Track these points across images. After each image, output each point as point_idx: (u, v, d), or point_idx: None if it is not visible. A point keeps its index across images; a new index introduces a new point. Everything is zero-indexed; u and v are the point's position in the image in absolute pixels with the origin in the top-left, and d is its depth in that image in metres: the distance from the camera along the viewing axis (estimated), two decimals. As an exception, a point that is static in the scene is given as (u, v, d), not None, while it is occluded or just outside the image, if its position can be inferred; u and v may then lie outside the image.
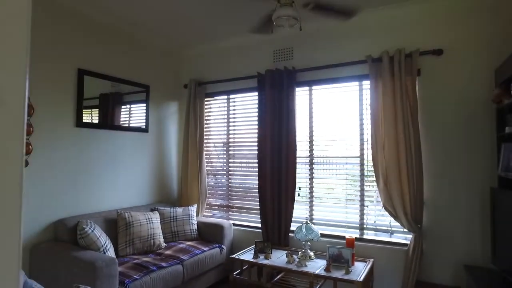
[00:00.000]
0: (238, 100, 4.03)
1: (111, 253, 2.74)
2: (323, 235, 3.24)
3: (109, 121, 3.47)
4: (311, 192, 3.54)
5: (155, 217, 3.42)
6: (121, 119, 3.62)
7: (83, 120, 3.18)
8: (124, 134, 3.60)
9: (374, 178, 3.06)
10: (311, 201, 3.54)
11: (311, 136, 3.56)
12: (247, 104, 3.95)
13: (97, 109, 3.39)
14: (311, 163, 3.55)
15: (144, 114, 3.86)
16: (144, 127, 3.85)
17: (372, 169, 3.06)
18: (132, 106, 3.77)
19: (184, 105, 4.32)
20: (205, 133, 4.17)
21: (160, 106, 4.08)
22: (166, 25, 3.58)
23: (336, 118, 3.45)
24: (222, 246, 3.52)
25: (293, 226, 3.43)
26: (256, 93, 3.79)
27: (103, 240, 2.74)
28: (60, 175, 2.98)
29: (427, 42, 2.91)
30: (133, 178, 3.69)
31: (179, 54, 4.36)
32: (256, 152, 3.78)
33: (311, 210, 3.53)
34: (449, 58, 2.85)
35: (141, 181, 3.78)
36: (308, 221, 3.13)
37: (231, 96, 4.06)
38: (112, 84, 3.53)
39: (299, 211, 3.56)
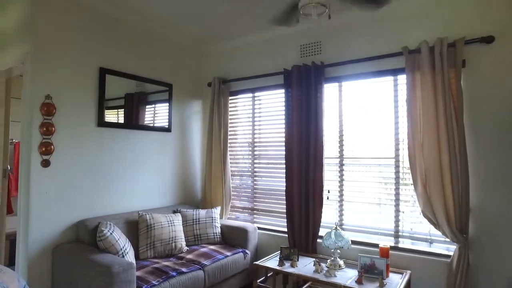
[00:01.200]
0: (263, 98, 3.83)
1: (130, 256, 2.63)
2: (353, 242, 2.99)
3: (132, 121, 3.39)
4: (340, 195, 3.28)
5: (177, 220, 3.29)
6: (144, 119, 3.53)
7: (106, 120, 3.11)
8: (147, 134, 3.50)
9: (410, 181, 2.77)
10: (340, 205, 3.28)
11: (340, 136, 3.31)
12: (273, 102, 3.75)
13: (122, 109, 3.32)
14: (341, 164, 3.29)
15: (167, 113, 3.75)
16: (167, 126, 3.74)
17: (409, 171, 2.76)
18: (154, 105, 3.66)
19: (207, 104, 4.19)
20: (229, 133, 4.01)
21: (183, 105, 3.96)
22: (189, 21, 3.45)
23: (368, 116, 3.17)
24: (246, 251, 3.34)
25: (322, 232, 3.20)
26: (283, 90, 3.59)
27: (122, 243, 2.63)
28: (82, 175, 2.92)
29: (474, 28, 2.59)
30: (155, 178, 3.59)
31: (203, 52, 4.23)
32: (283, 152, 3.57)
33: (340, 215, 3.27)
34: (501, 46, 2.50)
35: (163, 182, 3.68)
36: (337, 227, 2.88)
37: (256, 94, 3.88)
38: (137, 84, 3.45)
39: (328, 216, 3.31)
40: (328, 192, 3.35)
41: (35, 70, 2.64)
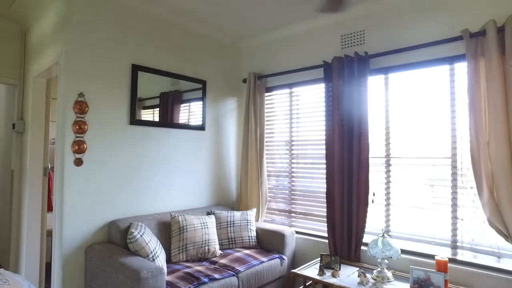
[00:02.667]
0: (301, 94, 3.56)
1: (160, 260, 2.49)
2: (403, 251, 2.64)
3: (165, 119, 3.27)
4: (387, 199, 2.94)
5: (211, 222, 3.12)
6: (178, 117, 3.40)
7: (138, 118, 3.01)
8: (180, 132, 3.37)
9: (470, 185, 2.38)
10: (387, 210, 2.93)
11: (387, 133, 2.96)
12: (312, 98, 3.46)
13: (158, 108, 3.22)
14: (388, 164, 2.94)
15: (201, 111, 3.60)
16: (201, 124, 3.59)
17: (469, 172, 2.37)
18: (189, 103, 3.53)
19: (243, 101, 4.00)
20: (266, 131, 3.79)
21: (217, 102, 3.79)
22: (223, 16, 3.28)
23: (419, 111, 2.80)
24: (283, 256, 3.10)
25: (366, 239, 2.88)
26: (322, 85, 3.31)
27: (153, 245, 2.50)
28: (114, 175, 2.83)
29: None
30: (189, 178, 3.45)
31: (237, 47, 4.04)
32: (323, 151, 3.29)
33: (387, 221, 2.93)
34: None
35: (197, 182, 3.53)
36: (385, 234, 2.55)
37: (293, 90, 3.62)
38: (172, 83, 3.34)
39: (373, 221, 2.98)
40: (373, 195, 3.02)
41: (69, 69, 2.59)
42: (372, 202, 3.01)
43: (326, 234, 3.19)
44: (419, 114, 2.81)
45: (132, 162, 2.96)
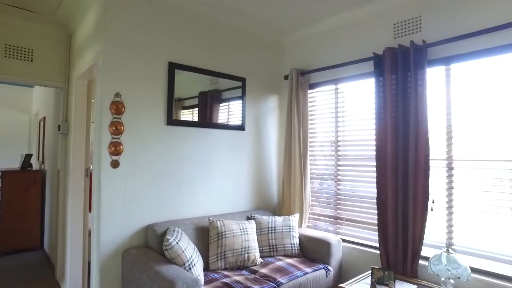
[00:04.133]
0: (348, 90, 3.23)
1: (197, 269, 2.31)
2: (473, 270, 2.24)
3: (204, 119, 3.11)
4: (449, 207, 2.53)
5: (251, 227, 2.90)
6: (217, 117, 3.22)
7: (175, 118, 2.87)
8: (218, 133, 3.19)
9: None
10: (449, 220, 2.53)
11: (449, 132, 2.55)
12: (360, 94, 3.12)
13: (197, 108, 3.08)
14: (450, 168, 2.54)
15: (240, 110, 3.40)
16: (240, 124, 3.39)
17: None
18: (227, 102, 3.34)
19: (285, 99, 3.74)
20: (309, 131, 3.50)
21: (257, 100, 3.57)
22: (263, 10, 3.05)
23: (489, 105, 2.36)
24: (328, 267, 2.80)
25: (424, 251, 2.51)
26: (372, 79, 2.97)
27: (189, 253, 2.33)
28: (151, 177, 2.71)
29: None
30: (228, 181, 3.26)
31: (278, 42, 3.79)
32: (373, 152, 2.95)
33: (449, 232, 2.52)
34: None
35: (236, 185, 3.33)
36: (449, 248, 2.17)
37: (339, 86, 3.29)
38: (211, 82, 3.17)
39: (433, 232, 2.59)
40: (433, 202, 2.62)
41: (105, 69, 2.50)
42: (431, 210, 2.62)
43: (376, 244, 2.84)
44: (488, 110, 2.38)
45: (169, 164, 2.83)
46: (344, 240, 3.08)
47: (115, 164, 2.52)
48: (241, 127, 3.39)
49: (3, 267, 4.06)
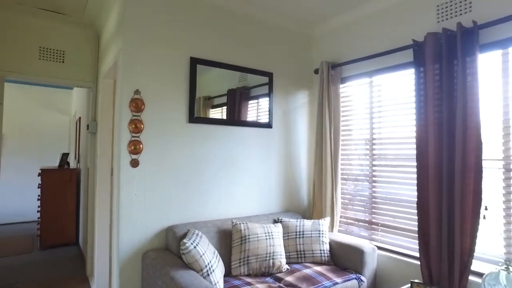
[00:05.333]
0: (385, 83, 2.90)
1: (215, 275, 2.13)
2: (537, 292, 1.85)
3: (232, 117, 2.94)
4: (508, 215, 2.14)
5: (277, 231, 2.68)
6: (243, 114, 3.03)
7: (205, 116, 2.72)
8: (243, 131, 3.00)
9: None
10: (508, 230, 2.14)
11: (506, 127, 2.17)
12: (398, 87, 2.78)
13: (225, 106, 2.93)
14: (508, 169, 2.15)
15: (267, 107, 3.18)
16: (267, 121, 3.17)
17: None
18: (256, 99, 3.14)
19: (315, 94, 3.47)
20: (341, 128, 3.21)
21: (285, 96, 3.33)
22: (290, 0, 2.81)
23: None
24: (361, 277, 2.50)
25: (476, 266, 2.14)
26: (412, 70, 2.63)
27: (208, 258, 2.15)
28: (172, 177, 2.58)
29: None
30: (254, 181, 3.05)
31: (307, 33, 3.51)
32: (413, 151, 2.61)
33: (509, 245, 2.13)
34: None
35: (263, 186, 3.12)
36: (511, 266, 1.81)
37: (374, 78, 2.97)
38: (240, 79, 3.00)
39: (487, 244, 2.21)
40: (486, 209, 2.24)
41: (125, 65, 2.40)
42: (484, 218, 2.24)
43: (417, 254, 2.50)
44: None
45: (191, 163, 2.68)
46: (379, 248, 2.77)
47: (134, 163, 2.41)
48: (268, 125, 3.18)
49: (42, 260, 4.18)
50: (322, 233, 2.80)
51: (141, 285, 2.41)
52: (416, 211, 2.47)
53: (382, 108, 2.90)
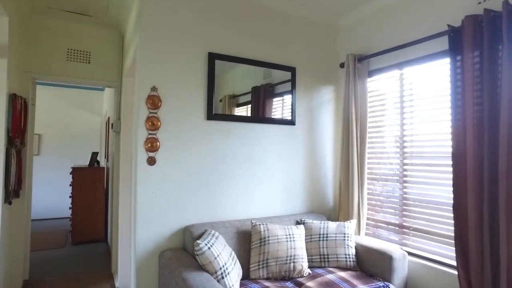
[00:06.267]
0: (416, 75, 2.65)
1: (231, 278, 2.01)
2: None
3: (256, 114, 2.83)
4: (562, 221, 1.84)
5: (298, 233, 2.52)
6: (265, 111, 2.91)
7: (216, 112, 2.62)
8: (264, 128, 2.87)
9: None
10: (562, 238, 1.84)
11: (560, 121, 1.86)
12: (431, 79, 2.53)
13: (250, 104, 2.84)
14: (562, 169, 1.85)
15: (290, 103, 3.02)
16: (290, 118, 3.02)
17: None
18: (281, 95, 2.99)
19: (340, 90, 3.27)
20: (369, 125, 2.98)
21: (309, 91, 3.15)
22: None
23: None
24: (390, 286, 2.28)
25: (524, 280, 1.86)
26: (447, 59, 2.36)
27: (223, 260, 2.04)
28: (190, 175, 2.50)
29: None
30: (276, 180, 2.91)
31: (331, 25, 3.31)
32: (448, 149, 2.36)
33: None
34: None
35: (285, 185, 2.96)
36: None
37: (404, 71, 2.72)
38: (264, 76, 2.88)
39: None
40: (535, 213, 1.95)
41: (142, 62, 2.35)
42: (533, 223, 1.95)
43: (453, 262, 2.24)
44: None
45: (210, 162, 2.59)
46: (410, 254, 2.52)
47: (151, 161, 2.35)
48: (291, 122, 3.02)
49: (73, 255, 4.29)
50: (348, 236, 2.60)
51: (158, 285, 2.35)
52: (452, 215, 2.22)
53: (414, 102, 2.65)
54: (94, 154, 5.08)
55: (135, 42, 2.54)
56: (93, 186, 4.72)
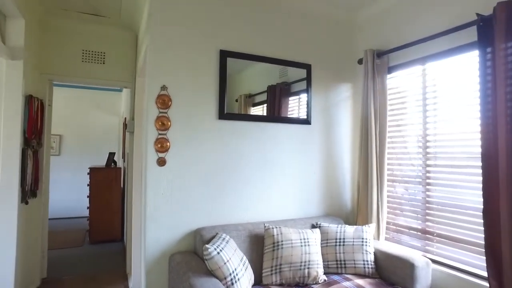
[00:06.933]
0: (441, 70, 2.46)
1: (241, 284, 1.91)
2: None
3: (271, 113, 2.73)
4: None
5: (314, 238, 2.39)
6: (280, 110, 2.79)
7: (228, 111, 2.53)
8: (279, 127, 2.75)
9: None
10: None
11: None
12: (457, 74, 2.33)
13: (266, 104, 2.74)
14: None
15: (306, 101, 2.89)
16: (305, 117, 2.88)
17: None
18: (297, 94, 2.87)
19: (358, 87, 3.10)
20: (388, 124, 2.81)
21: (325, 90, 3.01)
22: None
23: None
24: (413, 296, 2.11)
25: None
26: (476, 52, 2.17)
27: (233, 265, 1.94)
28: (201, 176, 2.41)
29: None
30: (290, 182, 2.78)
31: (349, 20, 3.15)
32: (477, 149, 2.17)
33: None
34: None
35: (301, 187, 2.83)
36: None
37: (427, 66, 2.54)
38: (280, 74, 2.78)
39: None
40: None
41: (152, 61, 2.29)
42: None
43: (484, 273, 2.05)
44: None
45: (221, 162, 2.49)
46: (434, 262, 2.34)
47: (161, 162, 2.28)
48: (306, 121, 2.89)
49: (90, 254, 4.31)
50: (366, 241, 2.45)
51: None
52: (481, 221, 2.03)
53: (438, 99, 2.46)
54: (111, 155, 5.11)
55: (146, 41, 2.48)
56: (109, 186, 4.73)
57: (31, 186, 2.98)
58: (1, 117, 2.55)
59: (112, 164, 5.12)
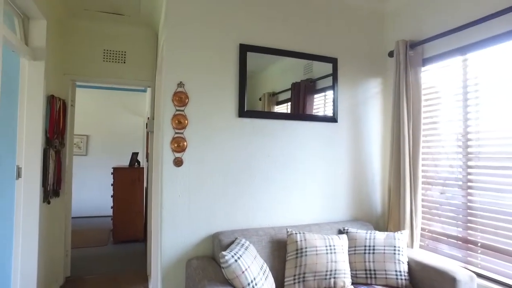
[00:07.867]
0: (484, 60, 2.19)
1: (261, 296, 1.75)
2: None
3: (296, 111, 2.58)
4: None
5: (340, 245, 2.20)
6: (309, 108, 2.63)
7: (248, 109, 2.38)
8: (303, 125, 2.57)
9: None
10: None
11: None
12: (504, 64, 2.07)
13: (290, 102, 2.59)
14: None
15: (332, 98, 2.70)
16: (332, 115, 2.69)
17: None
18: (323, 91, 2.69)
19: (389, 82, 2.87)
20: (423, 121, 2.57)
21: (353, 85, 2.80)
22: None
23: None
24: (455, 314, 1.88)
25: None
26: (526, 38, 1.90)
27: (252, 274, 1.79)
28: (220, 177, 2.29)
29: None
30: (316, 184, 2.60)
31: (378, 10, 2.92)
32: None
33: None
34: None
35: (327, 190, 2.64)
36: None
37: (468, 56, 2.28)
38: (305, 71, 2.62)
39: None
40: None
41: (168, 57, 2.19)
42: None
43: (539, 289, 1.79)
44: None
45: (241, 162, 2.35)
46: (479, 275, 2.08)
47: (178, 162, 2.17)
48: (332, 119, 2.70)
49: (113, 254, 4.31)
50: (398, 250, 2.22)
51: (185, 294, 2.17)
52: (535, 230, 1.77)
53: (480, 93, 2.19)
54: (134, 154, 5.11)
55: (163, 37, 2.39)
56: (132, 186, 4.73)
57: (53, 186, 2.98)
58: (24, 117, 2.55)
59: (136, 164, 5.13)
